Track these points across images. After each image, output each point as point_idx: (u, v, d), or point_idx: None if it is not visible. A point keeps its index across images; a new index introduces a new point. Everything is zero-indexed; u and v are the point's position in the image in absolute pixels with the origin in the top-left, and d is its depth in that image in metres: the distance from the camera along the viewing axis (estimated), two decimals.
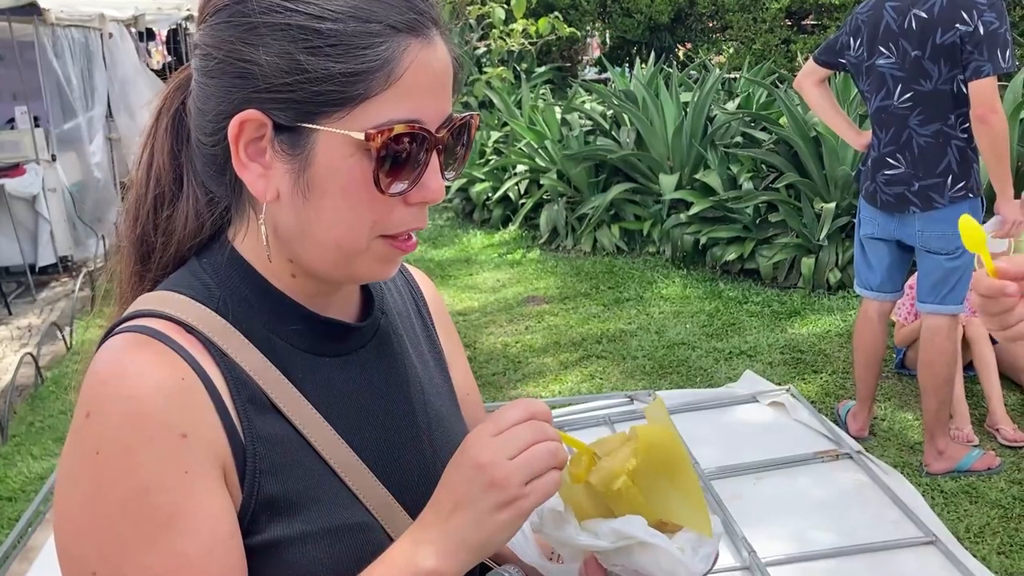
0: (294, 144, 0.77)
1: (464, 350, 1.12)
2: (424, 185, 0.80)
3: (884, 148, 3.37)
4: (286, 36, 0.75)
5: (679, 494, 0.82)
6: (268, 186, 0.79)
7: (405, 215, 0.81)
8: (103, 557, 0.73)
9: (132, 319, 0.82)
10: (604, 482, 0.80)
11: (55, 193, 7.03)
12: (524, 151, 7.40)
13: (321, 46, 0.75)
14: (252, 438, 0.79)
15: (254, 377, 0.81)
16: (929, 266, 3.36)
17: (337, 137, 0.76)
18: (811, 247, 5.57)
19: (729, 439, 3.34)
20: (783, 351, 4.73)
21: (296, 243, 0.82)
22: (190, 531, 0.74)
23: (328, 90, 0.75)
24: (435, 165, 0.80)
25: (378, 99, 0.76)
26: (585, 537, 0.81)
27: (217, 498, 0.76)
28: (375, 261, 0.83)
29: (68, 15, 7.17)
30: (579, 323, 5.36)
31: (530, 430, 0.77)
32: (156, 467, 0.73)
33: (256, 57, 0.76)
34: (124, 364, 0.76)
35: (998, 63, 3.04)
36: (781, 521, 2.85)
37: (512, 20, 8.86)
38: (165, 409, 0.75)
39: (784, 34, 11.12)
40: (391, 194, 0.78)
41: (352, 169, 0.77)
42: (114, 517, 0.73)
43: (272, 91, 0.76)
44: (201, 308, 0.82)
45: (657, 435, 0.82)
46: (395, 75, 0.76)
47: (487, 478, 0.75)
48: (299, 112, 0.76)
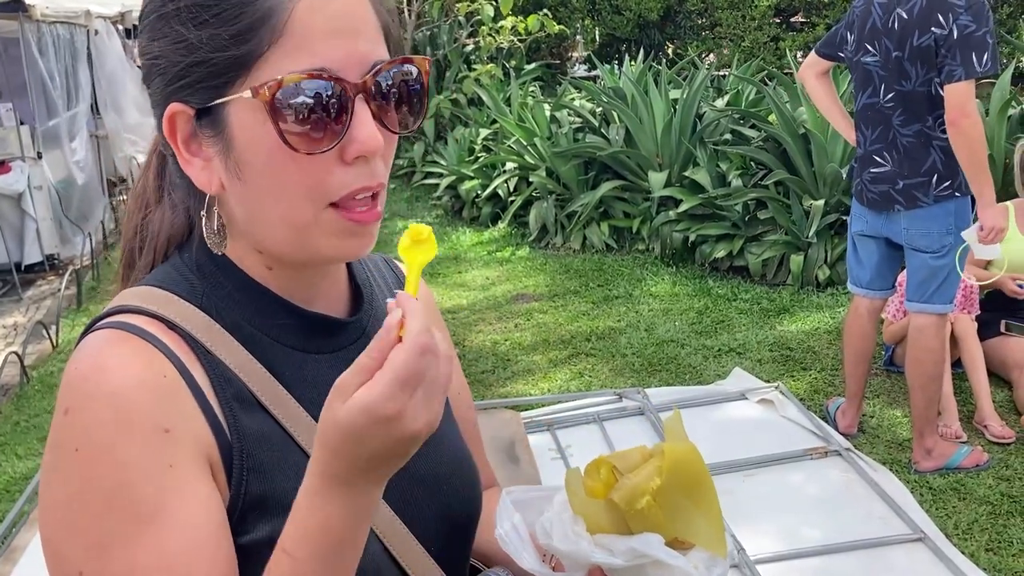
0: (214, 125, 0.76)
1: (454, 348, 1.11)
2: (353, 137, 0.74)
3: (871, 146, 3.37)
4: (177, 20, 0.74)
5: (699, 514, 0.81)
6: (211, 178, 0.78)
7: (345, 175, 0.76)
8: (89, 554, 0.71)
9: (113, 315, 0.80)
10: (627, 501, 0.79)
11: (41, 191, 6.99)
12: (513, 148, 7.39)
13: (207, 18, 0.73)
14: (238, 436, 0.78)
15: (239, 374, 0.80)
16: (915, 264, 3.36)
17: (243, 105, 0.74)
18: (800, 244, 5.58)
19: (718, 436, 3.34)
20: (772, 348, 4.73)
21: (253, 230, 0.80)
22: (176, 525, 0.72)
23: (221, 58, 0.73)
24: (363, 114, 0.74)
25: (271, 54, 0.72)
26: (600, 554, 0.79)
27: (204, 491, 0.75)
28: (331, 235, 0.78)
29: (54, 12, 7.13)
30: (568, 321, 5.36)
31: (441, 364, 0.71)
32: (139, 461, 0.72)
33: (161, 50, 0.76)
34: (104, 360, 0.75)
35: (972, 67, 3.00)
36: (770, 518, 2.85)
37: (501, 17, 8.84)
38: (147, 405, 0.73)
39: (773, 31, 11.14)
40: (312, 152, 0.74)
41: (267, 135, 0.73)
42: (99, 513, 0.71)
43: (180, 78, 0.75)
44: (184, 304, 0.81)
45: (683, 454, 0.81)
46: (280, 24, 0.72)
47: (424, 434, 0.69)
48: (206, 91, 0.75)
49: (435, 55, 9.83)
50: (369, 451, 0.69)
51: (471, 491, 0.96)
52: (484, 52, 9.37)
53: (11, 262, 6.78)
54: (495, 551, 1.00)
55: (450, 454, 0.95)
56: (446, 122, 9.01)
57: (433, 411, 0.69)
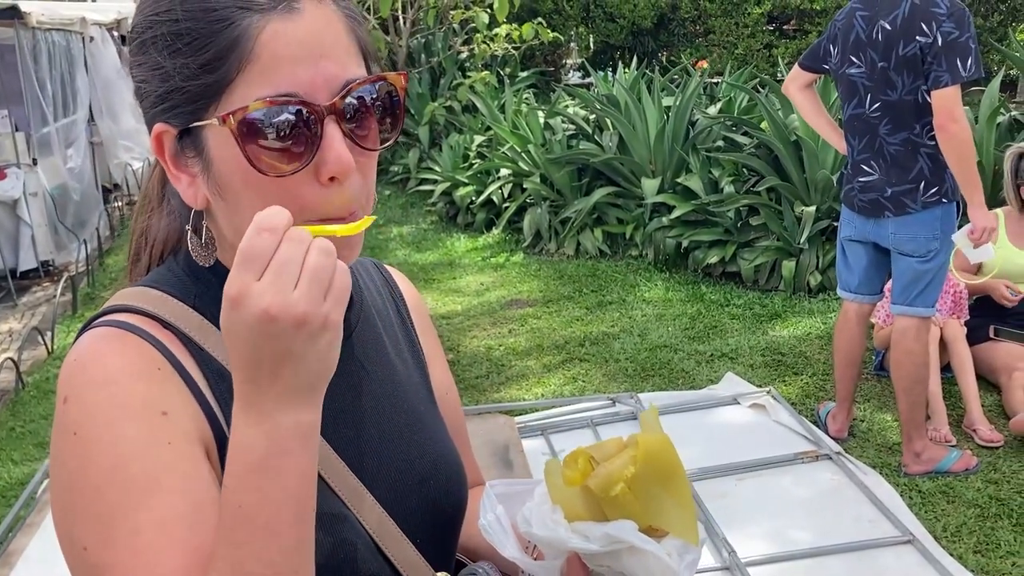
0: (195, 146, 0.79)
1: (443, 350, 1.13)
2: (323, 159, 0.75)
3: (859, 155, 3.42)
4: (155, 48, 0.78)
5: (672, 502, 0.84)
6: (197, 194, 0.81)
7: (322, 195, 0.77)
8: (91, 527, 0.73)
9: (109, 314, 0.83)
10: (602, 487, 0.81)
11: (36, 197, 7.00)
12: (507, 155, 7.42)
13: (180, 47, 0.76)
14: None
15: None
16: (901, 268, 3.41)
17: (216, 131, 0.77)
18: (792, 250, 5.62)
19: (710, 440, 3.36)
20: (764, 353, 4.76)
21: (239, 243, 0.82)
22: (174, 493, 0.74)
23: (193, 86, 0.76)
24: (334, 135, 0.76)
25: (240, 81, 0.75)
26: (576, 540, 0.82)
27: (203, 467, 0.77)
28: None
29: (49, 19, 7.15)
30: (562, 326, 5.38)
31: (292, 245, 0.67)
32: (138, 438, 0.74)
33: (144, 75, 0.80)
34: (102, 351, 0.78)
35: (958, 73, 3.06)
36: (761, 521, 2.87)
37: (496, 25, 8.88)
38: (144, 390, 0.77)
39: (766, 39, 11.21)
40: (281, 175, 0.75)
41: (241, 160, 0.75)
42: (100, 487, 0.73)
43: (161, 101, 0.79)
44: (178, 304, 0.84)
45: (656, 444, 0.83)
46: (246, 52, 0.74)
47: (288, 323, 0.66)
48: (184, 114, 0.78)
49: (430, 62, 9.87)
50: (245, 350, 0.67)
51: (457, 487, 0.98)
52: (479, 59, 9.40)
53: (6, 268, 6.79)
54: (480, 546, 1.02)
55: (436, 450, 0.98)
56: (441, 129, 9.04)
57: (284, 291, 0.66)
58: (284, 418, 0.69)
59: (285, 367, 0.68)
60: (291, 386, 0.69)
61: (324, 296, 0.68)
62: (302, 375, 0.69)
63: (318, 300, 0.67)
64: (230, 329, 0.68)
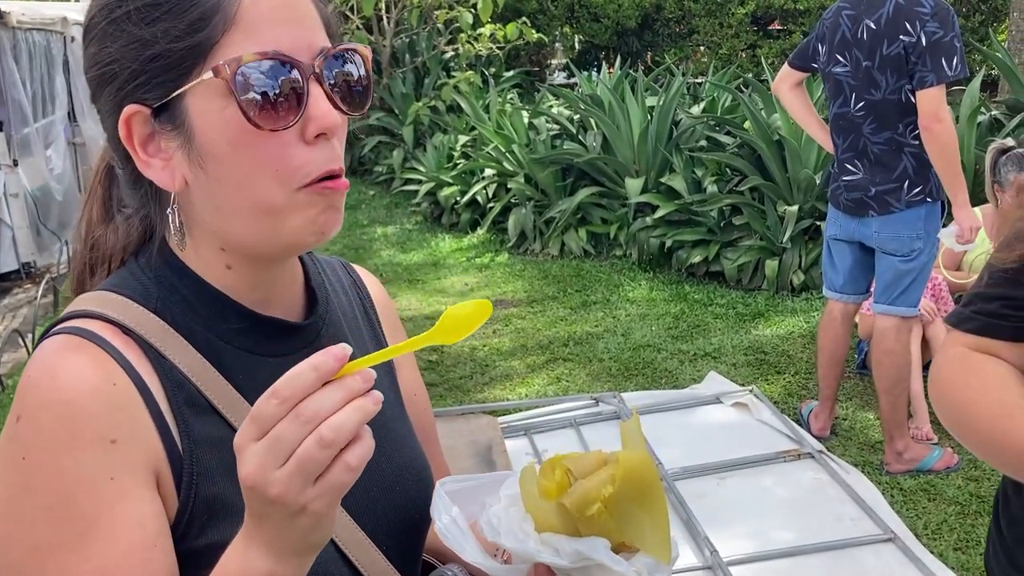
0: (173, 119, 0.78)
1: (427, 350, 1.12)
2: (311, 115, 0.77)
3: (843, 154, 3.44)
4: (128, 21, 0.77)
5: (647, 521, 0.83)
6: (174, 175, 0.80)
7: (309, 154, 0.78)
8: (24, 559, 0.73)
9: (69, 319, 0.82)
10: (578, 507, 0.80)
11: (17, 198, 6.94)
12: (492, 155, 7.42)
13: (158, 15, 0.76)
14: (189, 441, 0.79)
15: (192, 378, 0.81)
16: (884, 267, 3.42)
17: (202, 92, 0.76)
18: (775, 250, 5.64)
19: (693, 439, 3.37)
20: (747, 352, 4.78)
21: (219, 223, 0.82)
22: (111, 537, 0.73)
23: (176, 49, 0.76)
24: (319, 92, 0.78)
25: (225, 42, 0.76)
26: (546, 554, 0.81)
27: (144, 504, 0.76)
28: (306, 212, 0.80)
29: (30, 19, 7.09)
30: (546, 326, 5.39)
31: (293, 425, 0.64)
32: (82, 472, 0.74)
33: (112, 55, 0.78)
34: (56, 368, 0.77)
35: (943, 72, 3.08)
36: (743, 520, 2.88)
37: (480, 24, 8.87)
38: (95, 414, 0.75)
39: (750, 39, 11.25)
40: (275, 128, 0.76)
41: (230, 119, 0.76)
42: (37, 522, 0.73)
43: (135, 77, 0.78)
44: (138, 309, 0.83)
45: (637, 463, 0.82)
46: (232, 13, 0.76)
47: (263, 497, 0.66)
48: (163, 86, 0.77)
49: (414, 62, 9.85)
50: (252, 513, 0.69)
51: (424, 491, 0.97)
52: (463, 59, 9.40)
53: None
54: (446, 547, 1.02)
55: (404, 455, 0.97)
56: (425, 129, 9.03)
57: (266, 467, 0.65)
58: (260, 562, 0.70)
59: (265, 526, 0.68)
60: (270, 541, 0.69)
61: (308, 486, 0.65)
62: (283, 539, 0.69)
63: (297, 488, 0.65)
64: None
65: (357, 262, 1.12)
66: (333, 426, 0.64)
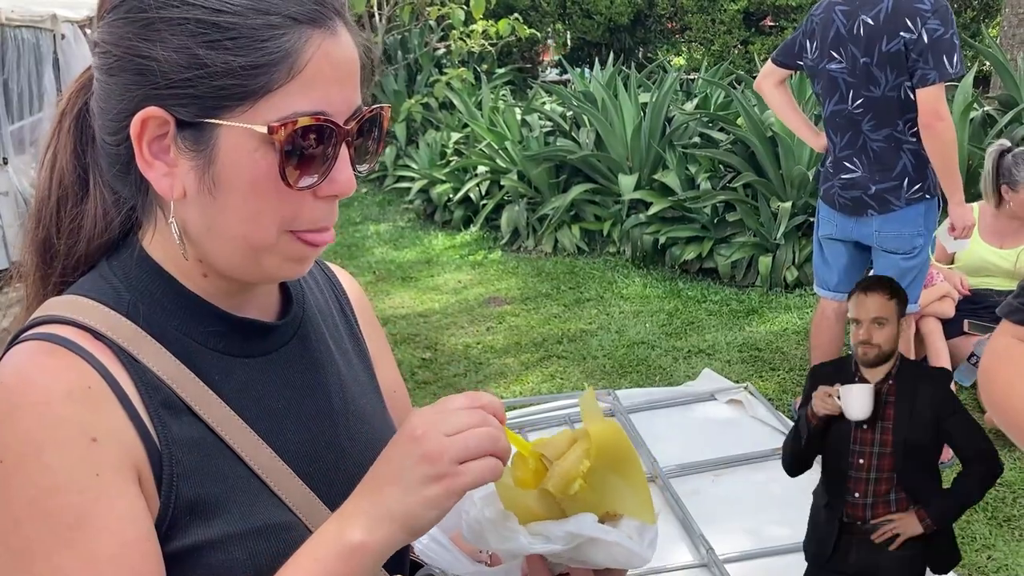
0: (198, 140, 0.76)
1: (413, 347, 1.12)
2: (333, 179, 0.79)
3: (841, 152, 3.40)
4: (184, 31, 0.74)
5: (627, 486, 0.84)
6: (174, 184, 0.78)
7: (315, 210, 0.80)
8: (12, 561, 0.71)
9: (38, 325, 0.80)
10: (560, 488, 0.81)
11: (7, 197, 6.90)
12: (485, 152, 7.41)
13: (220, 39, 0.74)
14: (167, 443, 0.78)
15: (167, 381, 0.80)
16: (884, 265, 3.40)
17: (241, 131, 0.75)
18: (768, 246, 5.64)
19: (688, 437, 3.37)
20: (741, 349, 4.77)
21: (204, 241, 0.81)
22: (102, 531, 0.72)
23: (229, 84, 0.74)
24: (345, 157, 0.79)
25: (281, 92, 0.75)
26: (539, 544, 0.81)
27: (131, 500, 0.75)
28: (285, 259, 0.81)
29: (19, 15, 7.05)
30: (540, 323, 5.38)
31: (472, 415, 0.77)
32: (65, 469, 0.72)
33: (154, 53, 0.75)
34: (30, 372, 0.75)
35: (944, 70, 3.05)
36: (739, 518, 2.88)
37: (472, 21, 8.86)
38: (74, 414, 0.74)
39: (742, 35, 11.26)
40: (300, 188, 0.77)
41: (258, 163, 0.75)
42: (22, 520, 0.71)
43: (172, 87, 0.75)
44: (110, 313, 0.81)
45: (607, 433, 0.83)
46: (297, 67, 0.75)
47: (420, 451, 0.75)
48: (201, 108, 0.75)
49: (406, 59, 9.84)
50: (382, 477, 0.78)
51: None
52: (455, 56, 9.38)
53: None
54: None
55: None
56: (417, 126, 9.01)
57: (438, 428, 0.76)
58: (357, 532, 0.76)
59: (385, 491, 0.77)
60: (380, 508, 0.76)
61: (456, 462, 0.75)
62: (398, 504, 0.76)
63: (450, 456, 0.75)
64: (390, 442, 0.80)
65: (350, 260, 1.11)
66: (495, 433, 0.78)
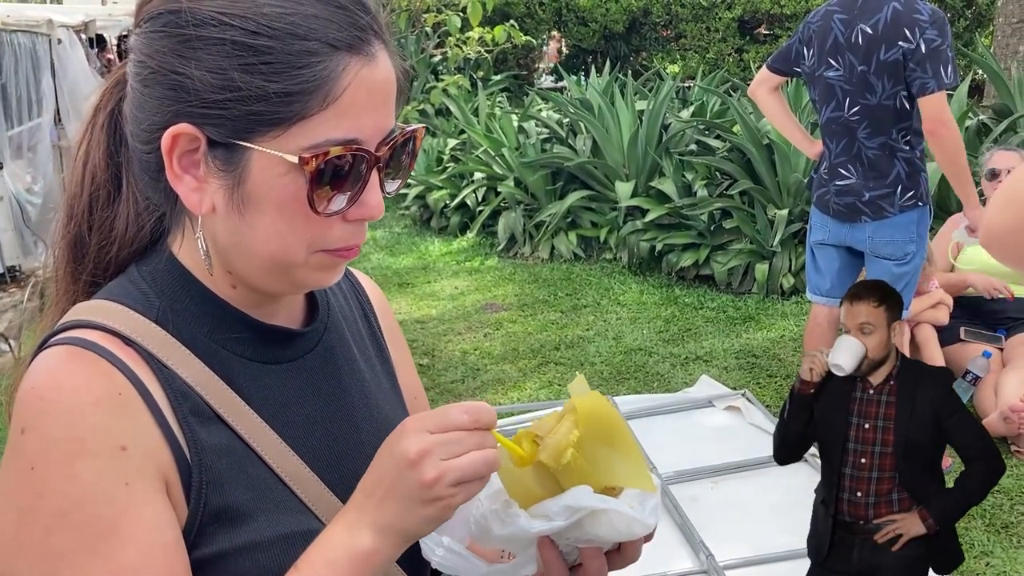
0: (228, 160, 0.76)
1: (419, 355, 1.13)
2: (363, 203, 0.79)
3: (836, 159, 3.42)
4: (220, 52, 0.74)
5: (620, 457, 0.84)
6: (203, 199, 0.78)
7: (344, 232, 0.80)
8: (37, 570, 0.71)
9: (68, 330, 0.80)
10: (553, 458, 0.81)
11: (3, 202, 6.89)
12: (481, 159, 7.41)
13: (256, 64, 0.73)
14: (196, 450, 0.78)
15: (196, 388, 0.80)
16: (877, 271, 3.42)
17: (272, 156, 0.75)
18: (765, 253, 5.65)
19: (686, 443, 3.38)
20: (738, 356, 4.78)
21: (232, 255, 0.81)
22: (130, 541, 0.72)
23: (263, 109, 0.74)
24: (375, 183, 0.79)
25: (315, 119, 0.74)
26: (538, 524, 0.82)
27: (159, 509, 0.75)
28: (315, 271, 0.82)
29: (16, 20, 7.05)
30: (537, 330, 5.38)
31: (472, 438, 0.77)
32: (95, 478, 0.72)
33: (189, 71, 0.74)
34: (60, 378, 0.75)
35: (942, 79, 3.09)
36: (738, 524, 2.88)
37: (468, 28, 8.87)
38: (103, 422, 0.74)
39: (737, 43, 11.30)
40: (328, 214, 0.77)
41: (287, 187, 0.75)
42: (52, 529, 0.71)
43: (205, 107, 0.75)
44: (139, 319, 0.81)
45: (593, 405, 0.84)
46: (333, 95, 0.74)
47: (418, 476, 0.75)
48: (232, 129, 0.75)
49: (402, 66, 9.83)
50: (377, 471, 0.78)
51: None
52: (451, 63, 9.38)
53: None
54: None
55: None
56: None
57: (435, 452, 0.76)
58: (368, 540, 0.77)
59: (388, 507, 0.77)
60: (385, 521, 0.77)
61: (454, 484, 0.76)
62: (401, 521, 0.77)
63: (448, 481, 0.75)
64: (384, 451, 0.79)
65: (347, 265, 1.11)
66: (491, 456, 0.78)
